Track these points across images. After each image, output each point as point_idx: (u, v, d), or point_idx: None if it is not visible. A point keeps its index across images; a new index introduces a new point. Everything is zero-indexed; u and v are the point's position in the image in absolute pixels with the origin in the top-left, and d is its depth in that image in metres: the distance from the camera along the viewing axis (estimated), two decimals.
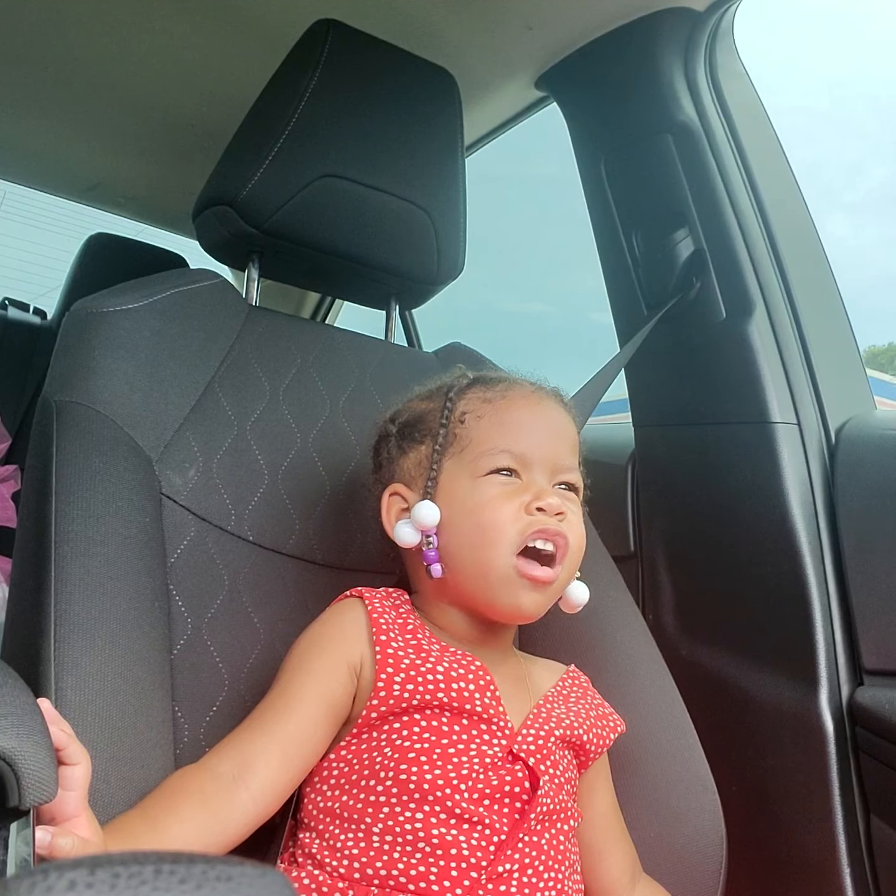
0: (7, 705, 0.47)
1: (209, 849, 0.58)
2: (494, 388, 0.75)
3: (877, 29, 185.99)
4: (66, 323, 0.83)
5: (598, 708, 0.76)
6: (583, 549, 0.72)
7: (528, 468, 0.71)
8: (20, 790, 0.44)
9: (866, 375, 1.12)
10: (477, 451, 0.72)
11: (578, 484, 0.74)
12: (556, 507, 0.69)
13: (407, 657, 0.67)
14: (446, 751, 0.64)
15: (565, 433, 0.75)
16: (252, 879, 0.25)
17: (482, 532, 0.69)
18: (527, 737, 0.68)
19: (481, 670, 0.69)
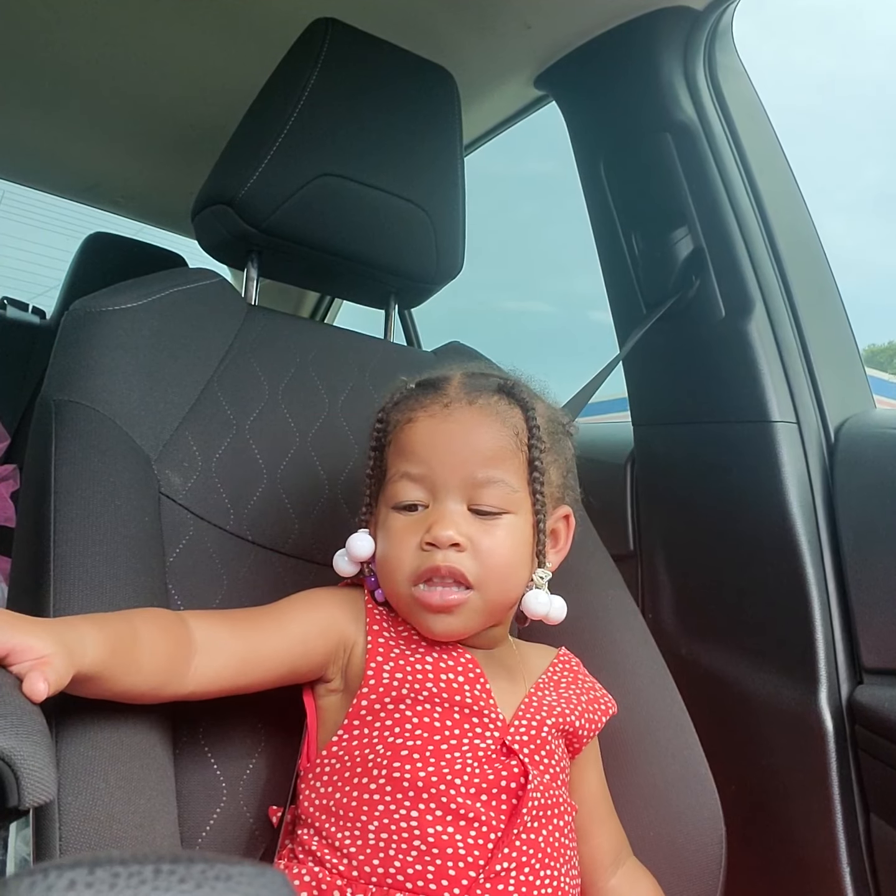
0: (6, 705, 0.47)
1: (149, 687, 0.59)
2: (408, 404, 0.72)
3: (871, 28, 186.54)
4: (65, 322, 0.83)
5: (590, 691, 0.76)
6: (507, 567, 0.67)
7: (434, 493, 0.67)
8: (19, 790, 0.44)
9: (866, 374, 1.12)
10: (388, 477, 0.70)
11: (502, 499, 0.67)
12: (445, 539, 0.64)
13: (397, 647, 0.68)
14: (439, 746, 0.64)
15: (479, 445, 0.67)
16: (251, 878, 0.25)
17: (385, 567, 0.69)
18: (519, 727, 0.67)
19: (471, 663, 0.69)
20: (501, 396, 0.70)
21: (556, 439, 0.73)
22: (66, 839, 0.54)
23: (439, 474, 0.67)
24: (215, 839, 0.69)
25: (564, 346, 52.72)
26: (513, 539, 0.67)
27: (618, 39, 1.10)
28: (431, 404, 0.70)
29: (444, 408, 0.69)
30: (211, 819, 0.70)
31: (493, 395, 0.70)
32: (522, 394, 0.70)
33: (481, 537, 0.66)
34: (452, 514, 0.66)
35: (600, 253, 1.24)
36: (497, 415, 0.69)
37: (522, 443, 0.69)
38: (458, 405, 0.69)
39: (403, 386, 0.74)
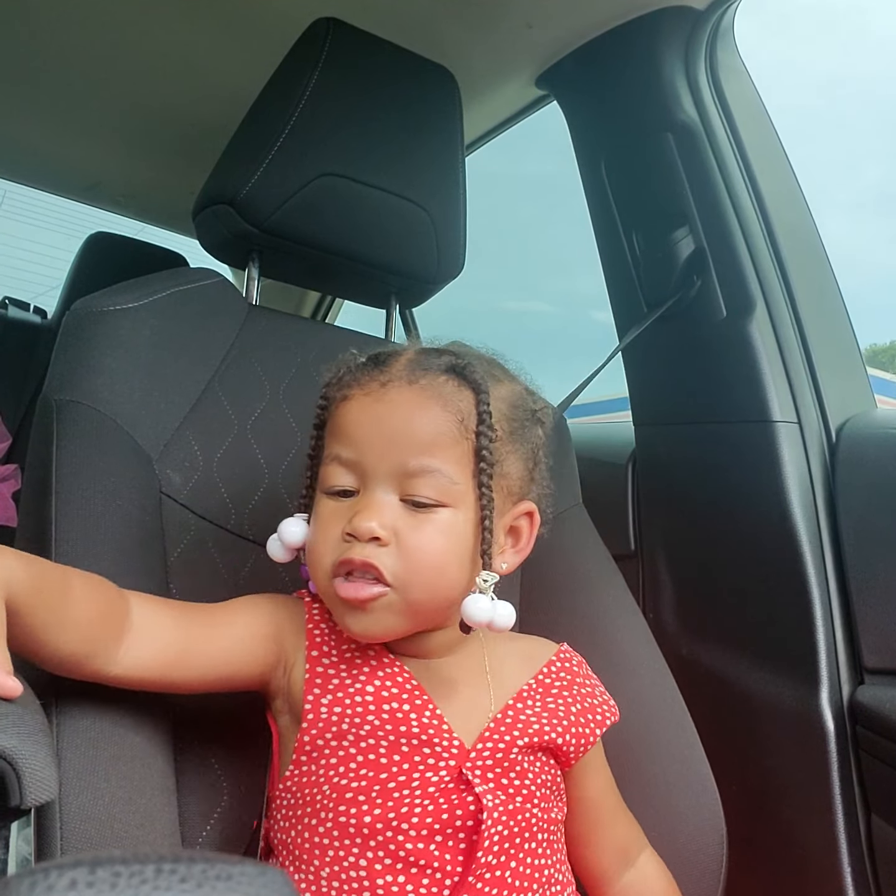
0: (7, 704, 0.47)
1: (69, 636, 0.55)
2: (347, 380, 0.65)
3: (873, 27, 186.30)
4: (67, 322, 0.83)
5: (586, 699, 0.69)
6: (436, 567, 0.59)
7: (364, 480, 0.61)
8: (21, 789, 0.44)
9: (867, 374, 1.12)
10: (322, 461, 0.65)
11: (437, 491, 0.60)
12: (365, 532, 0.58)
13: (337, 675, 0.62)
14: (386, 786, 0.58)
15: (412, 429, 0.60)
16: (252, 878, 0.25)
17: (309, 556, 0.64)
18: (482, 751, 0.61)
19: (417, 689, 0.63)
20: (451, 377, 0.62)
21: (519, 427, 0.65)
22: (67, 838, 0.55)
23: (369, 460, 0.60)
24: (215, 839, 0.69)
25: (566, 346, 52.66)
26: (446, 536, 0.60)
27: (619, 39, 1.09)
28: (369, 382, 0.63)
29: (381, 386, 0.62)
30: (211, 819, 0.70)
31: (439, 375, 0.62)
32: (475, 375, 0.62)
33: (409, 532, 0.59)
34: (379, 505, 0.59)
35: (601, 253, 1.24)
36: (439, 397, 0.61)
37: (469, 430, 0.61)
38: (396, 384, 0.62)
39: (352, 360, 0.67)
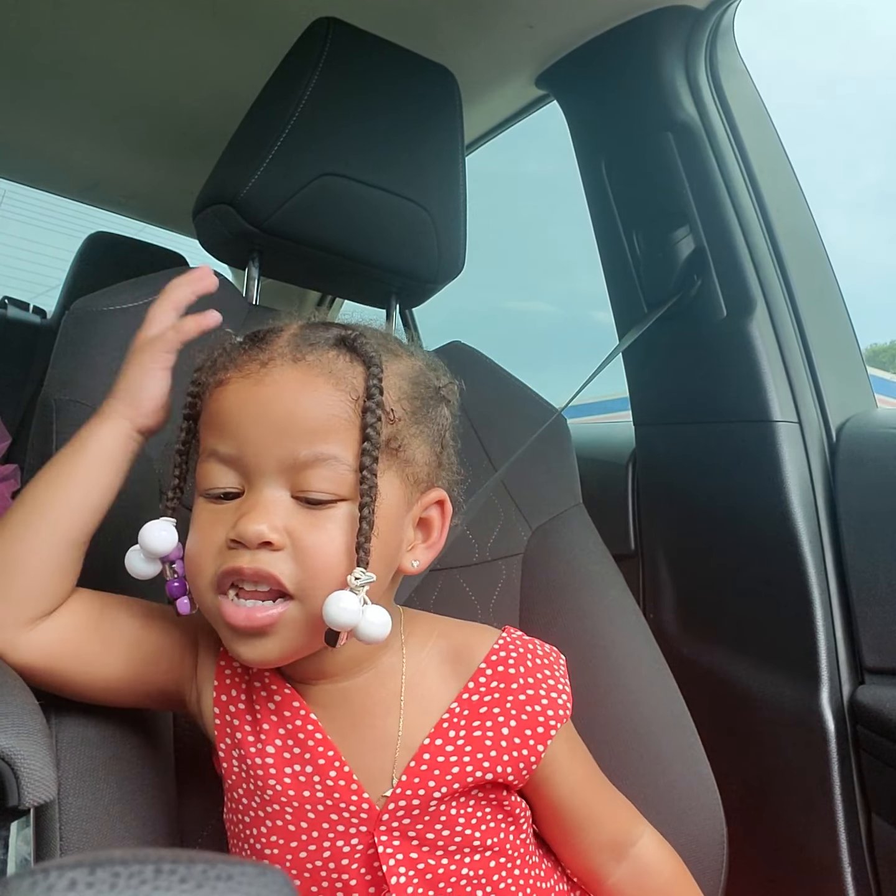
0: (6, 705, 0.47)
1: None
2: (222, 362, 0.57)
3: (873, 26, 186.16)
4: (66, 322, 0.83)
5: (524, 708, 0.58)
6: (334, 569, 0.52)
7: (248, 477, 0.53)
8: (20, 790, 0.44)
9: (867, 373, 1.12)
10: (199, 458, 0.57)
11: (333, 483, 0.52)
12: (253, 537, 0.50)
13: (241, 728, 0.57)
14: (297, 856, 0.53)
15: (301, 413, 0.52)
16: (252, 878, 0.24)
17: (187, 567, 0.55)
18: (395, 812, 0.54)
19: (322, 745, 0.55)
20: (341, 351, 0.55)
21: (422, 406, 0.58)
22: (66, 839, 0.54)
23: (252, 453, 0.52)
24: (215, 839, 0.69)
25: (566, 346, 52.54)
26: (347, 535, 0.52)
27: (619, 39, 1.09)
28: (248, 362, 0.55)
29: (261, 367, 0.54)
30: (212, 819, 0.70)
31: (328, 350, 0.55)
32: (367, 347, 0.55)
33: (305, 532, 0.51)
34: (268, 504, 0.52)
35: (602, 253, 1.24)
36: (330, 374, 0.54)
37: (361, 409, 0.53)
38: (279, 362, 0.54)
39: (227, 340, 0.58)
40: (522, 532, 0.94)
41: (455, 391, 0.63)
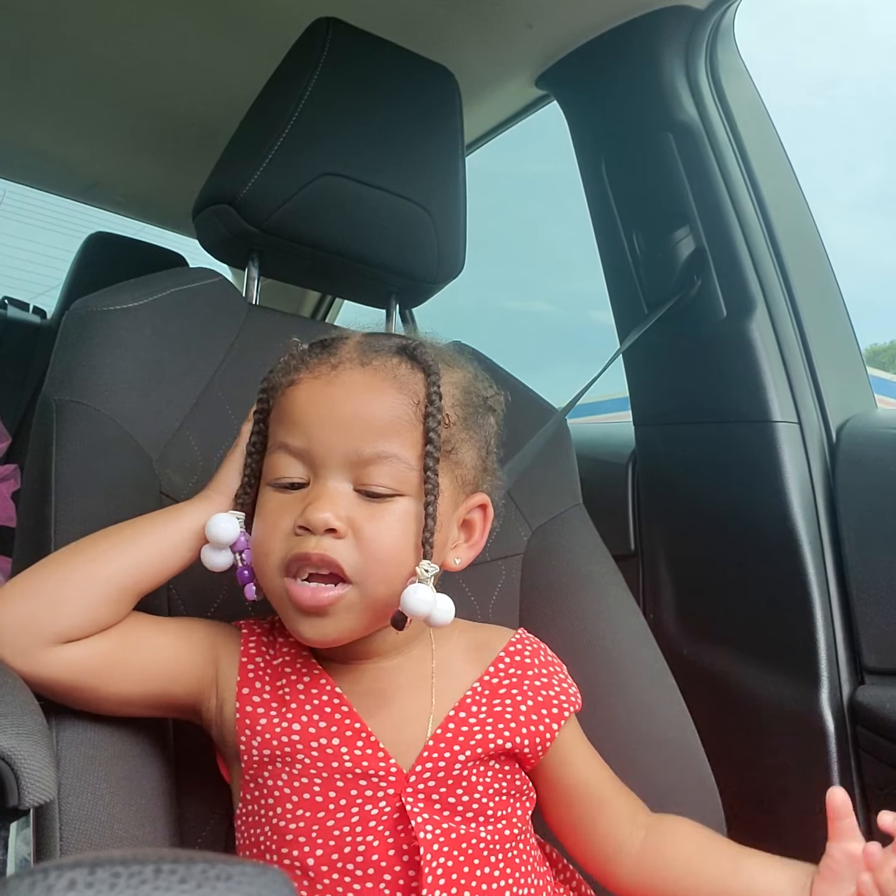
0: (6, 705, 0.47)
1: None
2: (294, 365, 0.62)
3: (873, 27, 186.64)
4: (66, 322, 0.83)
5: (540, 692, 0.64)
6: (394, 559, 0.57)
7: (315, 469, 0.58)
8: (19, 790, 0.44)
9: (867, 374, 1.12)
10: (267, 451, 0.62)
11: (393, 478, 0.57)
12: (319, 524, 0.55)
13: (265, 715, 0.59)
14: (324, 825, 0.56)
15: (367, 413, 0.57)
16: (252, 878, 0.24)
17: (255, 553, 0.60)
18: (422, 773, 0.58)
19: (349, 717, 0.59)
20: (402, 359, 0.60)
21: (472, 413, 0.63)
22: (66, 839, 0.54)
23: (320, 447, 0.57)
24: (215, 839, 0.69)
25: (567, 346, 52.58)
26: (404, 526, 0.57)
27: (619, 39, 1.09)
28: (318, 365, 0.60)
29: (331, 369, 0.59)
30: (212, 819, 0.70)
31: (391, 357, 0.60)
32: (426, 356, 0.60)
33: (366, 523, 0.56)
34: (332, 495, 0.56)
35: (602, 253, 1.24)
36: (394, 379, 0.58)
37: (423, 413, 0.58)
38: (347, 366, 0.59)
39: (295, 346, 0.64)
40: (522, 532, 0.94)
41: (501, 402, 0.68)
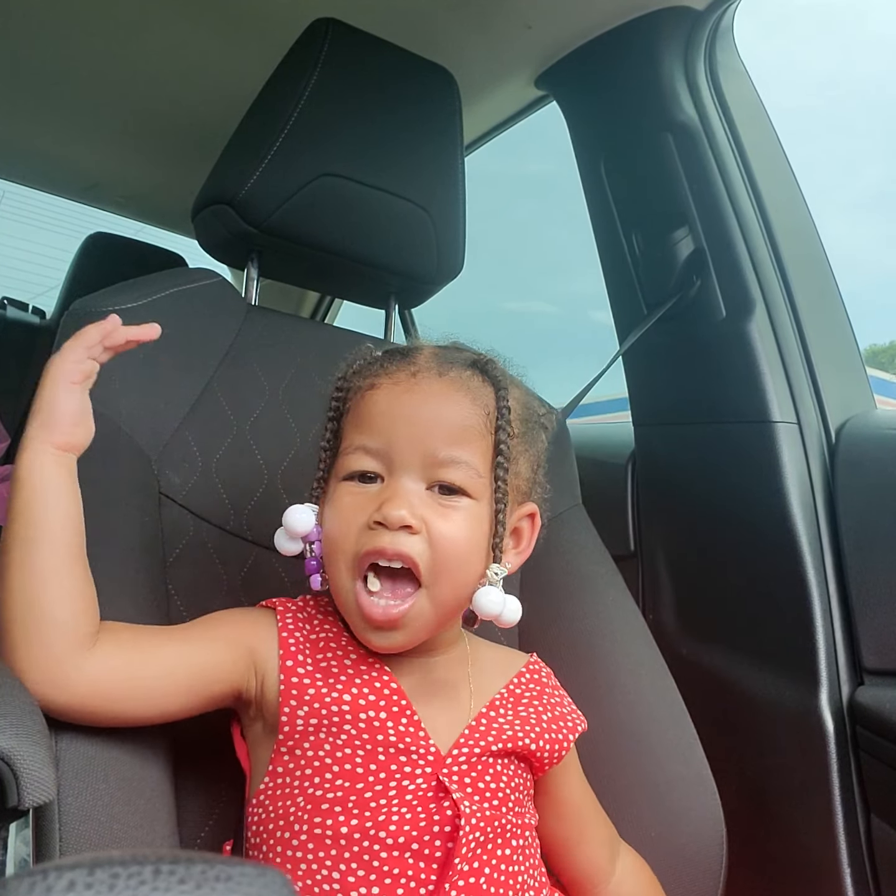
0: (6, 705, 0.47)
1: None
2: (372, 370, 0.65)
3: (872, 27, 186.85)
4: (65, 322, 0.83)
5: (556, 708, 0.69)
6: (463, 557, 0.60)
7: (390, 469, 0.61)
8: (19, 790, 0.44)
9: (867, 374, 1.12)
10: (342, 449, 0.64)
11: (464, 481, 0.61)
12: (396, 520, 0.58)
13: (313, 685, 0.61)
14: (362, 796, 0.58)
15: (444, 420, 0.61)
16: (251, 879, 0.24)
17: (328, 546, 0.62)
18: (458, 757, 0.61)
19: (396, 693, 0.62)
20: (475, 372, 0.64)
21: (528, 428, 0.67)
22: (66, 839, 0.54)
23: (398, 448, 0.60)
24: (214, 840, 0.69)
25: (567, 346, 52.61)
26: (470, 526, 0.61)
27: (619, 39, 1.09)
28: (398, 371, 0.63)
29: (410, 376, 0.63)
30: (211, 819, 0.70)
31: (465, 370, 0.64)
32: (496, 372, 0.64)
33: (437, 521, 0.59)
34: (407, 494, 0.59)
35: (601, 253, 1.24)
36: (468, 391, 0.63)
37: (492, 424, 0.62)
38: (426, 375, 0.63)
39: (369, 352, 0.68)
40: None
41: (553, 420, 0.72)
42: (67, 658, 0.55)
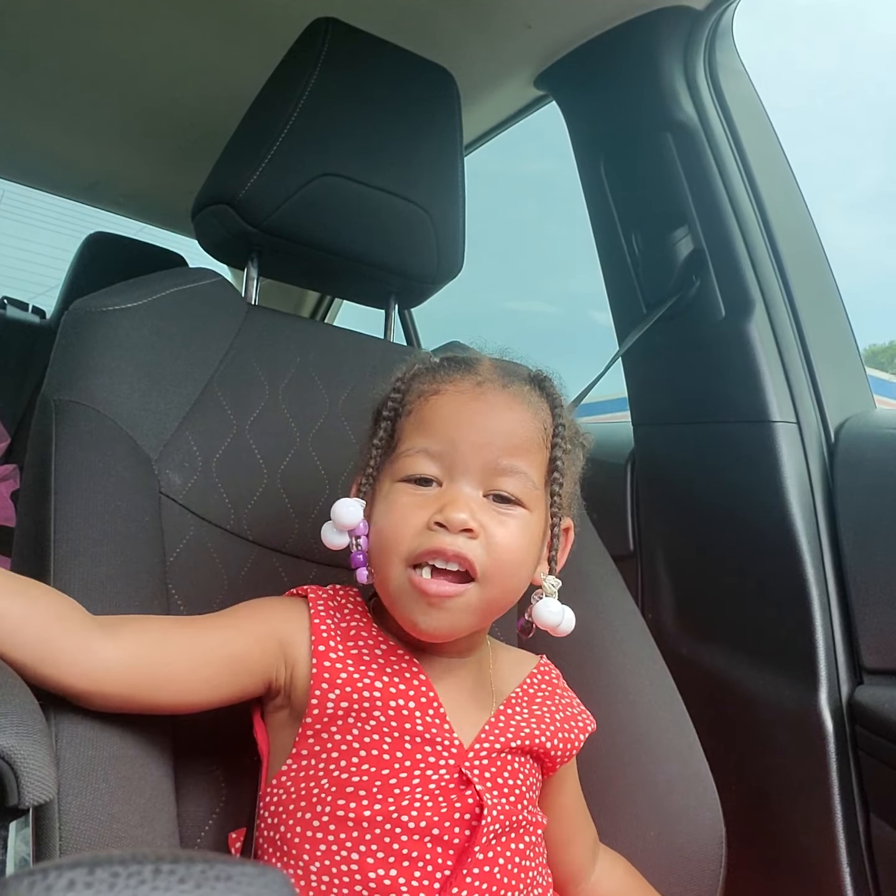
0: (6, 704, 0.47)
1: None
2: (436, 376, 0.67)
3: (872, 27, 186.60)
4: (66, 322, 0.83)
5: (567, 708, 0.72)
6: (517, 563, 0.63)
7: (451, 473, 0.62)
8: (19, 789, 0.44)
9: (866, 374, 1.12)
10: (399, 451, 0.65)
11: (520, 491, 0.63)
12: (458, 523, 0.59)
13: (345, 670, 0.62)
14: (387, 781, 0.59)
15: (507, 430, 0.63)
16: (251, 878, 0.25)
17: (381, 543, 0.63)
18: (479, 751, 0.63)
19: (424, 685, 0.64)
20: (533, 387, 0.67)
21: (574, 446, 0.69)
22: (66, 839, 0.54)
23: (461, 453, 0.62)
24: (214, 839, 0.69)
25: (566, 346, 52.60)
26: (525, 534, 0.63)
27: (618, 39, 1.09)
28: (462, 380, 0.65)
29: (476, 386, 0.65)
30: (211, 819, 0.70)
31: (525, 384, 0.67)
32: (552, 389, 0.68)
33: (495, 527, 0.61)
34: (468, 499, 0.61)
35: (600, 253, 1.24)
36: (529, 404, 0.65)
37: (548, 439, 0.65)
38: (491, 386, 0.65)
39: (427, 358, 0.70)
40: None
41: (591, 441, 0.74)
42: (86, 651, 0.56)
